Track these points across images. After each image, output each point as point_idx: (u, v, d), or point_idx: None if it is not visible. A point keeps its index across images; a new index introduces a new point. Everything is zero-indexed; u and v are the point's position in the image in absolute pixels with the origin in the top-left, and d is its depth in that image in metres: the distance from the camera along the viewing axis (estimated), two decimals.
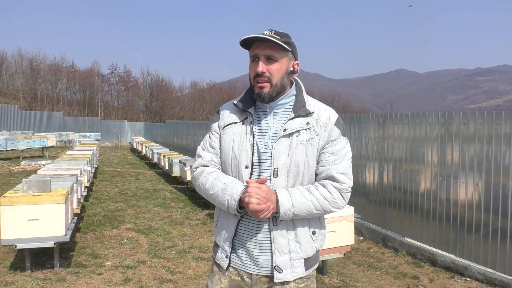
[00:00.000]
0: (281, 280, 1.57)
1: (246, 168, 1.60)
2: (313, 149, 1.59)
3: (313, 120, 1.62)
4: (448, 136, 4.82)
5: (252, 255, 1.61)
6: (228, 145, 1.65)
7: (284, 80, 1.61)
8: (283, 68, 1.60)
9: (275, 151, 1.57)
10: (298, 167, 1.57)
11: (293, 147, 1.57)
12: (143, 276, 4.33)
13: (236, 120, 1.67)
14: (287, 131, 1.57)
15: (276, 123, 1.63)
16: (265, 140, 1.61)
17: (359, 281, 4.35)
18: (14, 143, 15.85)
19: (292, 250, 1.59)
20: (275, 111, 1.65)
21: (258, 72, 1.56)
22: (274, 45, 1.55)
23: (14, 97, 45.64)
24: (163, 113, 51.00)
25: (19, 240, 4.11)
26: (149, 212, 7.42)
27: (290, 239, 1.58)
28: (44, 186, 4.31)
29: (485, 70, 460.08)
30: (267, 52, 1.56)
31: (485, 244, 4.33)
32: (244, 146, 1.61)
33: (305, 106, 1.64)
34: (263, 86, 1.58)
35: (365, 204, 6.31)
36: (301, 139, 1.58)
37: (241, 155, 1.61)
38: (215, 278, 1.70)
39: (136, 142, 21.90)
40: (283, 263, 1.57)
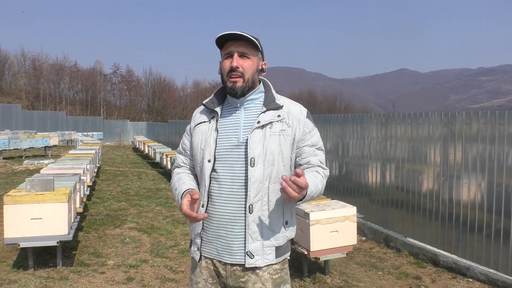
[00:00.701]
0: (252, 265, 1.65)
1: (209, 162, 1.70)
2: (286, 140, 1.70)
3: (283, 113, 1.73)
4: (450, 136, 4.81)
5: (226, 243, 1.68)
6: (197, 142, 1.77)
7: (254, 76, 1.72)
8: (255, 65, 1.71)
9: (250, 141, 1.65)
10: (273, 156, 1.66)
11: (267, 137, 1.67)
12: (145, 275, 4.34)
13: (205, 119, 1.79)
14: (260, 123, 1.67)
15: (246, 117, 1.73)
16: (236, 133, 1.70)
17: (361, 281, 4.35)
18: (17, 142, 15.90)
19: (265, 237, 1.66)
20: (245, 106, 1.75)
21: (233, 67, 1.66)
22: (247, 43, 1.67)
23: (17, 96, 45.77)
24: (165, 112, 51.06)
25: (22, 239, 4.13)
26: (152, 211, 7.44)
27: (263, 227, 1.66)
28: (47, 185, 4.33)
29: (488, 69, 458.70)
30: (241, 49, 1.67)
31: (488, 244, 4.32)
32: (208, 141, 1.72)
33: (274, 100, 1.75)
34: (236, 81, 1.68)
35: (368, 204, 6.30)
36: (274, 130, 1.68)
37: (205, 150, 1.72)
38: (196, 271, 1.79)
39: (139, 141, 21.93)
40: (255, 249, 1.65)
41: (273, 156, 1.66)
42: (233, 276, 1.68)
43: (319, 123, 7.38)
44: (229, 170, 1.68)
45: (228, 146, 1.69)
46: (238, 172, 1.66)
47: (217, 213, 1.69)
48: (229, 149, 1.69)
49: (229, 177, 1.68)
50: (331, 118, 7.29)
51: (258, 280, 1.67)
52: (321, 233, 4.09)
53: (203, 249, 1.75)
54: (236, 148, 1.68)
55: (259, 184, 1.64)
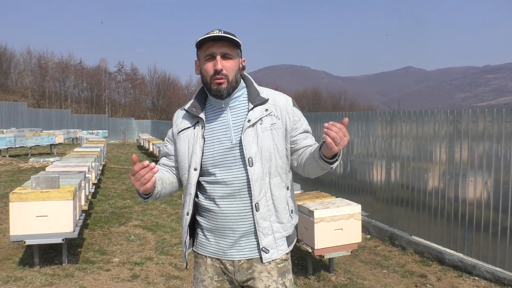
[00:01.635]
0: (269, 259, 1.67)
1: (195, 170, 1.68)
2: (278, 133, 1.69)
3: (270, 106, 1.71)
4: (456, 134, 4.78)
5: (234, 241, 1.68)
6: (183, 150, 1.73)
7: (237, 76, 1.69)
8: (237, 65, 1.67)
9: (245, 141, 1.63)
10: (269, 152, 1.66)
11: (260, 134, 1.65)
12: (150, 273, 4.35)
13: (188, 125, 1.74)
14: (251, 122, 1.65)
15: (234, 117, 1.70)
16: (227, 135, 1.68)
17: (366, 279, 4.34)
18: (23, 140, 16.00)
19: (275, 231, 1.69)
20: (231, 105, 1.72)
21: (217, 70, 1.61)
22: (228, 44, 1.62)
23: (22, 94, 46.05)
24: (170, 110, 51.15)
25: (28, 236, 4.15)
26: (156, 209, 7.46)
27: (272, 221, 1.68)
28: (52, 183, 4.35)
29: (494, 67, 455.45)
30: (223, 50, 1.62)
31: (494, 243, 4.29)
32: (195, 150, 1.69)
33: (259, 94, 1.72)
34: (221, 83, 1.63)
35: (372, 202, 6.28)
36: (265, 126, 1.67)
37: (192, 158, 1.69)
38: (201, 269, 1.77)
39: (143, 139, 21.98)
40: (269, 243, 1.67)
41: (269, 152, 1.66)
42: (241, 270, 1.70)
43: (323, 121, 7.35)
44: (228, 172, 1.66)
45: (222, 150, 1.67)
46: (237, 173, 1.66)
47: (222, 213, 1.68)
48: (223, 152, 1.67)
49: (230, 178, 1.66)
50: (335, 116, 7.26)
51: (264, 269, 1.69)
52: (326, 231, 4.08)
53: (208, 250, 1.75)
54: (231, 150, 1.66)
55: (260, 181, 1.64)
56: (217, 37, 1.60)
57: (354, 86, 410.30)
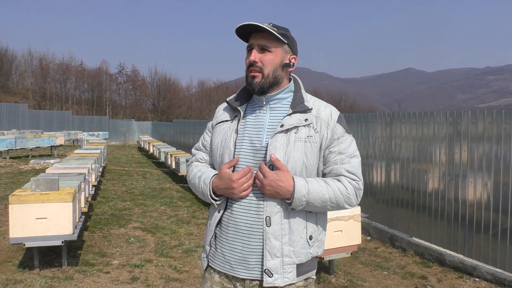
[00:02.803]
0: (270, 285, 1.47)
1: None
2: (312, 147, 1.52)
3: (312, 117, 1.55)
4: (456, 135, 4.77)
5: (243, 256, 1.52)
6: (217, 143, 1.63)
7: (277, 72, 1.56)
8: (277, 59, 1.55)
9: (270, 147, 1.50)
10: (296, 164, 1.50)
11: (291, 143, 1.51)
12: (150, 275, 4.34)
13: (227, 118, 1.65)
14: (284, 127, 1.51)
15: (272, 119, 1.58)
16: (259, 135, 1.56)
17: (366, 281, 4.33)
18: (24, 142, 16.01)
19: (285, 254, 1.49)
20: (272, 105, 1.60)
21: (251, 61, 1.54)
22: (268, 35, 1.52)
23: (23, 96, 46.11)
24: (171, 112, 51.20)
25: (28, 239, 4.14)
26: (156, 211, 7.45)
27: (283, 242, 1.49)
28: (52, 185, 4.34)
29: (495, 69, 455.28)
30: (261, 42, 1.53)
31: (494, 244, 4.28)
32: (227, 143, 1.59)
33: (303, 102, 1.58)
34: (254, 76, 1.54)
35: (372, 203, 6.27)
36: (299, 136, 1.52)
37: (224, 152, 1.58)
38: (206, 285, 1.62)
39: (144, 141, 22.01)
40: (274, 266, 1.48)
41: (295, 164, 1.49)
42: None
43: None
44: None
45: (249, 150, 1.55)
46: None
47: (234, 223, 1.53)
48: (249, 152, 1.54)
49: None
50: None
51: None
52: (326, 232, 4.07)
53: (215, 262, 1.60)
54: (257, 152, 1.54)
55: None
56: (255, 28, 1.51)
57: (355, 88, 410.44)
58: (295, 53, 1.62)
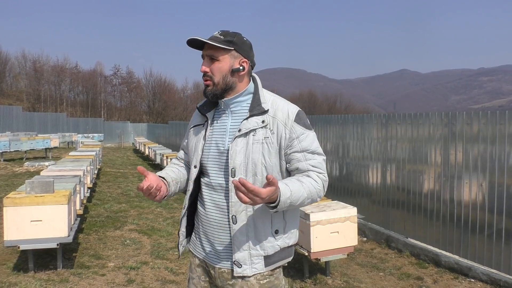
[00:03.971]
0: (240, 274, 1.61)
1: (195, 167, 1.72)
2: (270, 148, 1.60)
3: (268, 118, 1.62)
4: (451, 136, 4.80)
5: (214, 248, 1.69)
6: (190, 146, 1.78)
7: (227, 78, 1.63)
8: (225, 66, 1.62)
9: (231, 151, 1.60)
10: (255, 166, 1.59)
11: (250, 146, 1.59)
12: (146, 277, 4.32)
13: (199, 122, 1.78)
14: (242, 131, 1.60)
15: (233, 122, 1.67)
16: (223, 139, 1.67)
17: (362, 282, 4.34)
18: (18, 144, 15.90)
19: (252, 247, 1.62)
20: (232, 109, 1.69)
21: (201, 71, 1.65)
22: (213, 45, 1.60)
23: (17, 98, 45.87)
24: (166, 114, 51.10)
25: (22, 241, 4.11)
26: (152, 213, 7.43)
27: (249, 237, 1.61)
28: (47, 187, 4.32)
29: (489, 70, 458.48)
30: (208, 52, 1.63)
31: (490, 244, 4.31)
32: (196, 148, 1.73)
33: (260, 104, 1.64)
34: (207, 84, 1.65)
35: (368, 204, 6.29)
36: (257, 138, 1.60)
37: (194, 155, 1.73)
38: (192, 267, 1.81)
39: (139, 143, 21.93)
40: (242, 258, 1.62)
41: (255, 165, 1.59)
42: (221, 278, 1.68)
43: (319, 124, 7.37)
44: (216, 177, 1.67)
45: (215, 153, 1.68)
46: (222, 181, 1.65)
47: (207, 218, 1.70)
48: (216, 156, 1.67)
49: (217, 185, 1.67)
50: (331, 118, 7.27)
51: (244, 285, 1.63)
52: (322, 234, 4.07)
53: (196, 249, 1.78)
54: (221, 155, 1.65)
55: None
56: (197, 41, 1.62)
57: (350, 89, 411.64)
58: (246, 56, 1.65)
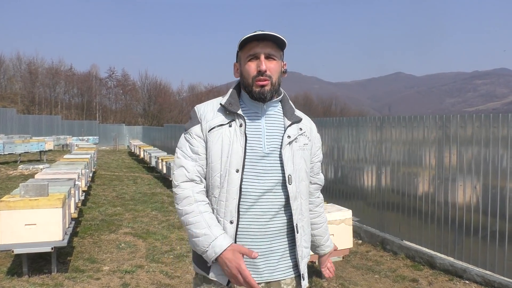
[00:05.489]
0: (306, 287, 1.61)
1: (237, 172, 1.50)
2: (307, 154, 1.66)
3: (304, 126, 1.67)
4: (445, 139, 4.83)
5: (252, 262, 1.50)
6: (217, 148, 1.53)
7: (280, 79, 1.61)
8: (279, 67, 1.59)
9: (285, 158, 1.55)
10: (301, 171, 1.61)
11: (296, 153, 1.59)
12: (141, 281, 4.31)
13: (223, 122, 1.56)
14: (291, 138, 1.58)
15: (268, 126, 1.60)
16: (260, 142, 1.55)
17: (358, 284, 4.34)
18: (12, 147, 15.81)
19: (305, 255, 1.63)
20: (267, 113, 1.62)
21: (262, 70, 1.52)
22: (273, 44, 1.54)
23: (12, 100, 45.60)
24: (161, 116, 50.98)
25: (16, 245, 4.09)
26: (147, 216, 7.40)
27: (305, 247, 1.63)
28: (41, 191, 4.30)
29: (483, 73, 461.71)
30: (268, 51, 1.54)
31: (484, 246, 4.33)
32: (235, 148, 1.51)
33: (294, 112, 1.67)
34: (265, 85, 1.54)
35: (363, 207, 6.30)
36: (299, 145, 1.61)
37: (232, 158, 1.51)
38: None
39: (134, 145, 21.86)
40: (304, 270, 1.60)
41: (300, 171, 1.60)
42: None
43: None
44: (256, 183, 1.52)
45: (253, 156, 1.54)
46: (268, 186, 1.53)
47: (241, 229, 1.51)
48: (254, 159, 1.53)
49: (256, 191, 1.52)
50: (326, 121, 7.29)
51: None
52: None
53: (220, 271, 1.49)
54: (262, 159, 1.54)
55: (296, 202, 1.56)
56: (262, 36, 1.51)
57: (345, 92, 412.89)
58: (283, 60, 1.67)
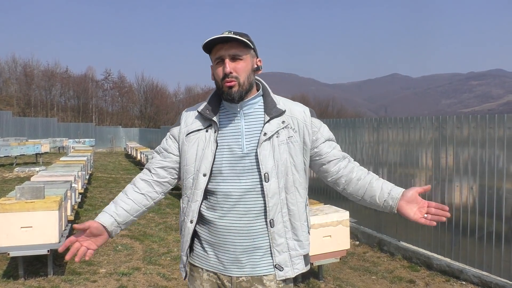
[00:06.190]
0: (283, 277, 1.61)
1: (204, 176, 1.60)
2: (295, 146, 1.62)
3: (288, 118, 1.64)
4: (442, 140, 4.84)
5: (234, 257, 1.60)
6: (192, 152, 1.64)
7: (250, 78, 1.61)
8: (249, 66, 1.60)
9: (261, 156, 1.56)
10: (286, 167, 1.60)
11: (276, 148, 1.59)
12: (138, 283, 4.29)
13: (200, 127, 1.65)
14: (267, 135, 1.58)
15: (248, 125, 1.62)
16: (238, 143, 1.60)
17: (355, 285, 4.34)
18: (8, 149, 15.73)
19: (291, 248, 1.62)
20: (245, 111, 1.64)
21: (226, 73, 1.55)
22: (237, 44, 1.56)
23: (7, 103, 45.39)
24: (158, 118, 50.92)
25: (12, 248, 4.06)
26: (144, 218, 7.38)
27: (288, 238, 1.62)
28: (37, 193, 4.27)
29: (478, 74, 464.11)
30: (232, 52, 1.56)
31: (480, 247, 4.34)
32: (206, 154, 1.60)
33: (276, 106, 1.64)
34: (231, 86, 1.57)
35: (361, 208, 6.31)
36: (281, 139, 1.60)
37: (202, 163, 1.60)
38: (197, 283, 1.70)
39: (131, 148, 21.80)
40: (283, 261, 1.61)
41: (285, 166, 1.59)
42: (238, 287, 1.62)
43: None
44: (236, 182, 1.59)
45: (232, 158, 1.59)
46: (247, 185, 1.58)
47: (224, 226, 1.60)
48: (233, 160, 1.59)
49: (238, 190, 1.58)
50: (323, 123, 7.30)
51: None
52: (314, 238, 4.07)
53: (208, 264, 1.66)
54: (241, 160, 1.59)
55: (276, 197, 1.58)
56: (223, 39, 1.54)
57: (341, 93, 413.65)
58: (258, 56, 1.68)
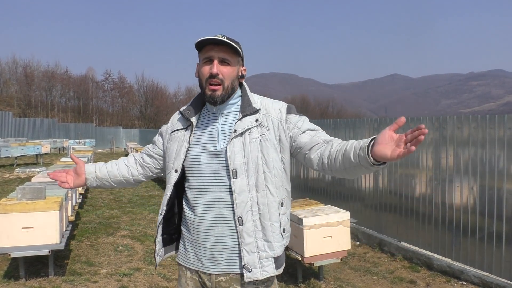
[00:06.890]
0: (250, 279, 1.58)
1: (176, 172, 1.68)
2: (268, 144, 1.62)
3: (261, 116, 1.65)
4: (442, 140, 4.85)
5: (211, 254, 1.63)
6: (172, 150, 1.73)
7: (234, 83, 1.66)
8: (235, 72, 1.65)
9: (229, 152, 1.59)
10: (256, 164, 1.60)
11: (247, 146, 1.60)
12: (138, 284, 4.29)
13: (181, 126, 1.75)
14: (237, 132, 1.61)
15: (224, 124, 1.67)
16: (214, 141, 1.65)
17: (356, 286, 4.34)
18: (8, 150, 15.73)
19: (260, 249, 1.59)
20: (223, 112, 1.69)
21: (213, 73, 1.59)
22: (228, 49, 1.60)
23: (8, 104, 45.41)
24: (158, 119, 50.96)
25: (13, 249, 4.07)
26: (145, 218, 7.38)
27: (257, 238, 1.60)
28: (38, 194, 4.28)
29: (478, 74, 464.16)
30: (222, 55, 1.60)
31: (481, 247, 4.34)
32: (179, 152, 1.69)
33: (251, 105, 1.67)
34: (215, 89, 1.61)
35: (361, 208, 6.31)
36: (253, 137, 1.62)
37: (176, 160, 1.69)
38: (182, 281, 1.75)
39: (131, 148, 21.78)
40: (252, 261, 1.58)
41: (256, 164, 1.60)
42: (218, 287, 1.64)
43: None
44: (210, 180, 1.63)
45: (206, 156, 1.64)
46: (221, 183, 1.61)
47: (200, 224, 1.64)
48: (207, 159, 1.64)
49: (213, 187, 1.62)
50: (323, 123, 7.30)
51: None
52: (315, 238, 4.08)
53: (188, 261, 1.72)
54: (215, 157, 1.63)
55: (245, 195, 1.58)
56: (217, 41, 1.57)
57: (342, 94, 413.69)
58: (244, 65, 1.73)
